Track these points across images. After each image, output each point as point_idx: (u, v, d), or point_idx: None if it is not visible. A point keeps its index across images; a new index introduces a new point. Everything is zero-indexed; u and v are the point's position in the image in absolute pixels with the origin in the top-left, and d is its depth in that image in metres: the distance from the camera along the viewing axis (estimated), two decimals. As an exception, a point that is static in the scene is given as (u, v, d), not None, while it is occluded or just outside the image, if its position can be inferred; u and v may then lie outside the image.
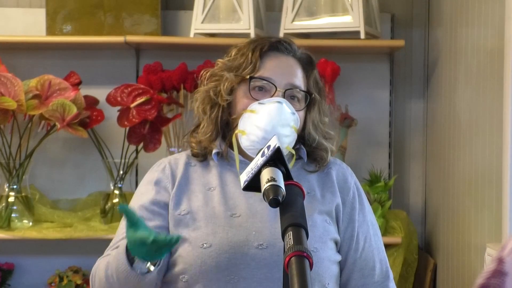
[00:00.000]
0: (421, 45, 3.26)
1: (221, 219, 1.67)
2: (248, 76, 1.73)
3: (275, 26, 3.03)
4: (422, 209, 3.27)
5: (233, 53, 1.79)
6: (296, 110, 1.73)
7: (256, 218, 1.67)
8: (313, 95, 1.77)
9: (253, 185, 1.44)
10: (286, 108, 1.70)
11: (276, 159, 1.44)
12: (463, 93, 2.65)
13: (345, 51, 3.12)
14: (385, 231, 2.94)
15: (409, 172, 3.30)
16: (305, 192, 1.43)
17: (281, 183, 1.38)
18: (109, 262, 1.62)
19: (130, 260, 1.55)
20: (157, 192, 1.74)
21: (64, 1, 3.07)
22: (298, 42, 2.96)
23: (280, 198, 1.34)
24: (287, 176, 1.43)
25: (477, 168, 2.44)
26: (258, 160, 1.44)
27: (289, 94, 1.74)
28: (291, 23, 2.97)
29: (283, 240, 1.28)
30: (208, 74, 1.80)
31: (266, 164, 1.43)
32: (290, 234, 1.27)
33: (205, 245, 1.64)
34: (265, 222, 1.67)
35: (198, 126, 1.81)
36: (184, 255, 1.65)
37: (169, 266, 1.67)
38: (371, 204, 2.91)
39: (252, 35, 2.88)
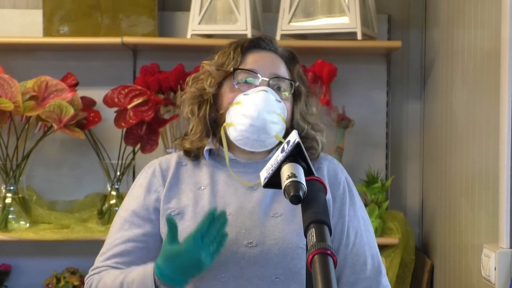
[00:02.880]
0: (418, 46, 3.26)
1: None
2: (232, 69, 1.75)
3: (272, 27, 3.03)
4: (419, 210, 3.27)
5: (216, 56, 1.83)
6: (282, 99, 1.74)
7: (246, 216, 1.68)
8: (297, 84, 1.79)
9: (273, 181, 1.41)
10: (272, 95, 1.72)
11: (296, 154, 1.40)
12: (460, 94, 2.65)
13: (342, 52, 3.12)
14: (382, 232, 2.95)
15: (406, 173, 3.30)
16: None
17: (302, 179, 1.34)
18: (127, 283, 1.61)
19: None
20: (148, 197, 1.76)
21: (61, 2, 3.07)
22: (295, 43, 3.01)
23: (301, 195, 1.30)
24: (308, 172, 1.39)
25: (474, 169, 2.44)
26: (278, 156, 1.41)
27: (274, 84, 1.76)
28: (288, 24, 2.97)
29: (305, 237, 1.24)
30: (192, 77, 1.84)
31: (286, 159, 1.39)
32: (312, 231, 1.22)
33: None
34: (255, 220, 1.68)
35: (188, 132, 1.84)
36: None
37: None
38: (368, 205, 2.94)
39: (249, 36, 2.88)
